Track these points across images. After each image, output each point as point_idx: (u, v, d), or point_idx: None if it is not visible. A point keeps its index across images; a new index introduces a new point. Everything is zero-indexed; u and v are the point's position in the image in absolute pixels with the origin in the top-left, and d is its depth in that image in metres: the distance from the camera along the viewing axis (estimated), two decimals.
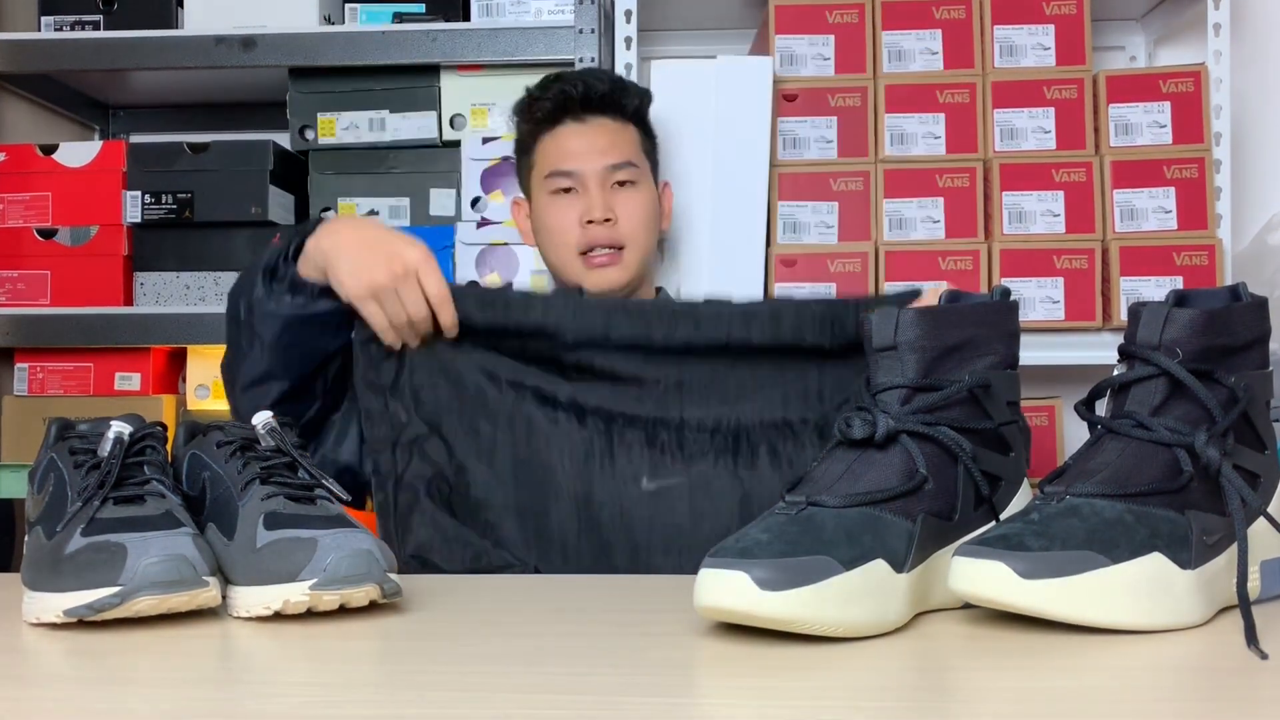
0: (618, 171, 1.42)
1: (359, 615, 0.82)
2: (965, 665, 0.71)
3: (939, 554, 0.80)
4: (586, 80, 1.46)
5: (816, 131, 1.79)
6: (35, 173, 1.93)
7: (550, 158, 1.44)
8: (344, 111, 1.92)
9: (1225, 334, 0.78)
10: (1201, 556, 0.74)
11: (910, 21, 1.81)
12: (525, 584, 0.99)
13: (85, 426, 0.91)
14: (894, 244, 1.76)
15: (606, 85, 1.46)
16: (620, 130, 1.45)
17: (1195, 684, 0.66)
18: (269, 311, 1.17)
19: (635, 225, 1.42)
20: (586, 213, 1.40)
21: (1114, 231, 1.75)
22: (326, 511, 0.86)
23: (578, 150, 1.42)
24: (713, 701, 0.64)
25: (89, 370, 1.94)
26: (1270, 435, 0.81)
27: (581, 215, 1.41)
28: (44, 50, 1.91)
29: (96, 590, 0.77)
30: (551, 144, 1.44)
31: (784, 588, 0.70)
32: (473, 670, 0.68)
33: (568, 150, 1.43)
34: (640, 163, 1.46)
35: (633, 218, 1.42)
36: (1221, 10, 1.79)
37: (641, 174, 1.46)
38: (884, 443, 0.80)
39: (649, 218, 1.45)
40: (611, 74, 1.51)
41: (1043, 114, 1.78)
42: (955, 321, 0.83)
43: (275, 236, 1.26)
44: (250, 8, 1.90)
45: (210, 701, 0.64)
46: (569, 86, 1.44)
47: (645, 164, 1.48)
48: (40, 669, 0.73)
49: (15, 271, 1.92)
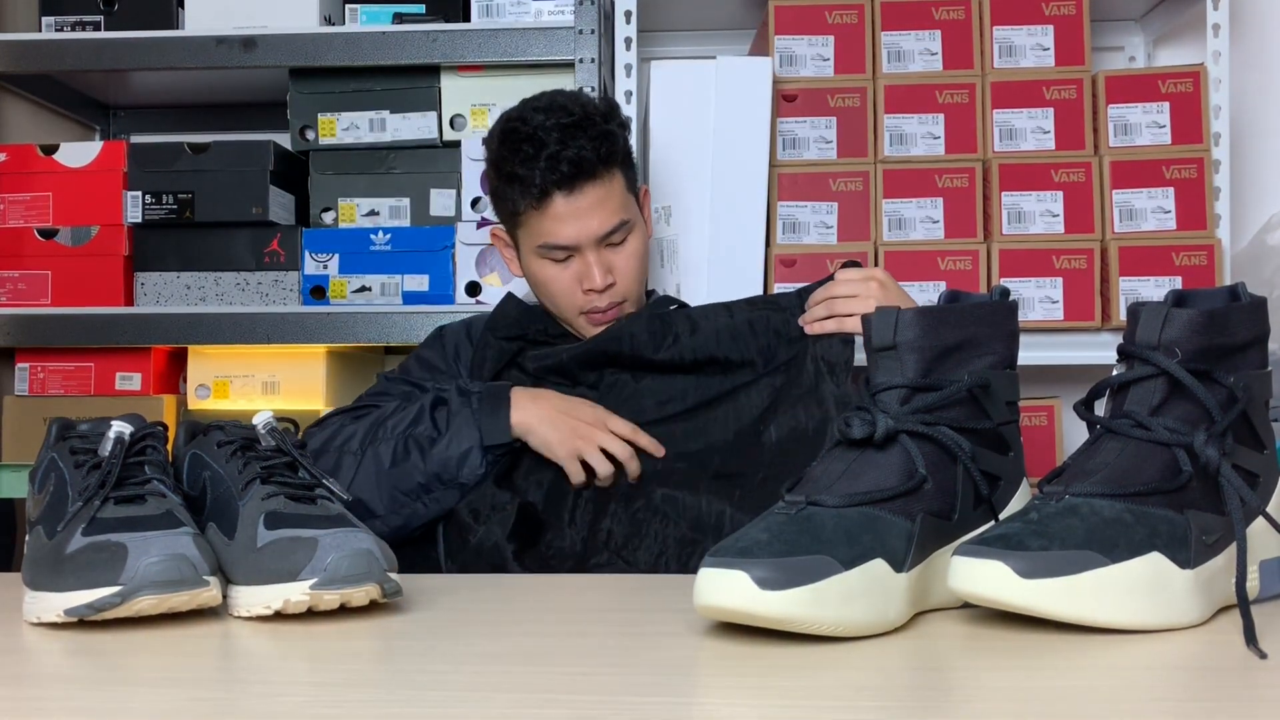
0: (612, 235, 1.40)
1: (359, 615, 0.82)
2: (965, 665, 0.71)
3: (938, 553, 0.80)
4: (573, 151, 1.35)
5: (816, 132, 1.79)
6: (36, 173, 1.93)
7: (542, 232, 1.39)
8: (344, 112, 1.92)
9: (1224, 334, 0.78)
10: (1200, 556, 0.74)
11: (910, 22, 1.81)
12: (525, 584, 0.99)
13: (86, 426, 0.91)
14: (893, 244, 1.76)
15: (590, 149, 1.36)
16: (609, 188, 1.39)
17: (1194, 684, 0.66)
18: (472, 482, 1.29)
19: (631, 279, 1.42)
20: (585, 280, 1.39)
21: (1113, 232, 1.75)
22: (327, 511, 0.86)
23: (572, 227, 1.38)
24: (713, 701, 0.64)
25: (89, 370, 1.94)
26: (1269, 435, 0.81)
27: (579, 281, 1.40)
28: (45, 50, 1.91)
29: (97, 590, 0.77)
30: (543, 216, 1.38)
31: (783, 587, 0.70)
32: (473, 670, 0.69)
33: (561, 227, 1.38)
34: (630, 210, 1.42)
35: (629, 272, 1.42)
36: (1221, 10, 1.79)
37: (632, 222, 1.42)
38: (883, 442, 0.80)
39: (643, 263, 1.45)
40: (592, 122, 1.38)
41: (1042, 114, 1.78)
42: (955, 321, 0.83)
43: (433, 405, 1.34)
44: (250, 8, 1.90)
45: (210, 701, 0.64)
46: (556, 164, 1.35)
47: (633, 204, 1.44)
48: (40, 669, 0.73)
49: (16, 271, 1.92)
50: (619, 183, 1.41)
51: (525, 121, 1.38)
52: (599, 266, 1.39)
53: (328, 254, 1.89)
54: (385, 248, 1.88)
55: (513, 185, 1.39)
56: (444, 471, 1.27)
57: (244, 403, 1.91)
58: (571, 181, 1.36)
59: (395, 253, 1.87)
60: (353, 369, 2.03)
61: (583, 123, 1.38)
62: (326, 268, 1.88)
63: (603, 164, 1.38)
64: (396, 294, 1.87)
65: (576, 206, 1.37)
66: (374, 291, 1.88)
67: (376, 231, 1.88)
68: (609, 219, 1.39)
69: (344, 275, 1.88)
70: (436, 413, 1.30)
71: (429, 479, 1.27)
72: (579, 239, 1.38)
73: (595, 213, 1.38)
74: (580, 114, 1.38)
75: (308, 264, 1.89)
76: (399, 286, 1.87)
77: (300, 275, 1.89)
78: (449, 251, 1.87)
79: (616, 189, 1.40)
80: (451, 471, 1.27)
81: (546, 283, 1.42)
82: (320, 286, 1.89)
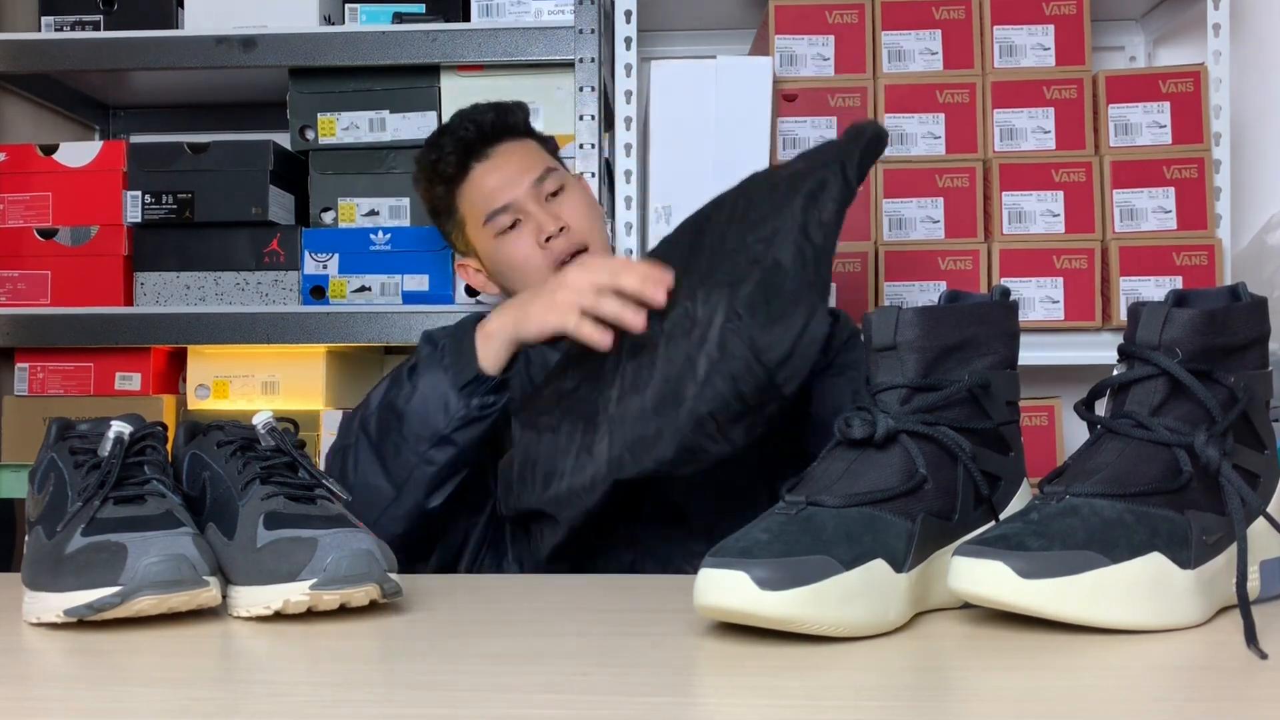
0: (545, 182, 1.44)
1: (359, 615, 0.82)
2: (965, 665, 0.71)
3: (939, 554, 0.80)
4: (471, 118, 1.48)
5: (816, 132, 1.79)
6: (35, 173, 1.93)
7: (478, 204, 1.45)
8: (344, 111, 1.92)
9: (1225, 334, 0.78)
10: (1201, 556, 0.74)
11: (910, 22, 1.81)
12: (525, 584, 0.99)
13: (85, 426, 0.91)
14: (893, 244, 1.76)
15: (491, 114, 1.48)
16: (523, 147, 1.48)
17: (1195, 684, 0.66)
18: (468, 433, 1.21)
19: (585, 222, 1.45)
20: (540, 232, 1.41)
21: (1113, 231, 1.75)
22: (326, 511, 0.86)
23: (500, 183, 1.44)
24: (713, 701, 0.64)
25: (89, 370, 1.93)
26: (1270, 435, 0.81)
27: (536, 237, 1.42)
28: (44, 50, 1.90)
29: (97, 590, 0.77)
30: (472, 191, 1.46)
31: (784, 587, 0.70)
32: (473, 670, 0.68)
33: (491, 188, 1.44)
34: (556, 166, 1.49)
35: (581, 217, 1.44)
36: (1221, 10, 1.79)
37: (564, 175, 1.49)
38: (884, 442, 0.80)
39: (593, 210, 1.49)
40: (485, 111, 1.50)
41: (1042, 114, 1.78)
42: (955, 321, 0.83)
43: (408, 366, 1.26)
44: (250, 8, 1.90)
45: (210, 701, 0.64)
46: (461, 132, 1.47)
47: (560, 165, 1.51)
48: (40, 669, 0.73)
49: (15, 271, 1.92)
50: (533, 145, 1.49)
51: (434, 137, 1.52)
52: (546, 214, 1.42)
53: (327, 254, 1.89)
54: (385, 248, 1.88)
55: (435, 183, 1.48)
56: (425, 428, 1.20)
57: (244, 403, 1.91)
58: (482, 147, 1.45)
59: (395, 253, 1.87)
60: (352, 369, 2.03)
61: (478, 111, 1.49)
62: (326, 268, 1.88)
63: (507, 131, 1.48)
64: (396, 294, 1.87)
65: (495, 164, 1.45)
66: (374, 291, 1.88)
67: (376, 231, 1.88)
68: (531, 166, 1.44)
69: (344, 275, 1.88)
70: (411, 373, 1.24)
71: (415, 439, 1.20)
72: (511, 191, 1.43)
73: (515, 164, 1.45)
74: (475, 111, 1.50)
75: (307, 264, 1.89)
76: (399, 286, 1.87)
77: (300, 275, 1.89)
78: (449, 251, 1.86)
79: (531, 148, 1.49)
80: (436, 424, 1.20)
81: (510, 258, 1.44)
82: (320, 286, 1.88)
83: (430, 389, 1.20)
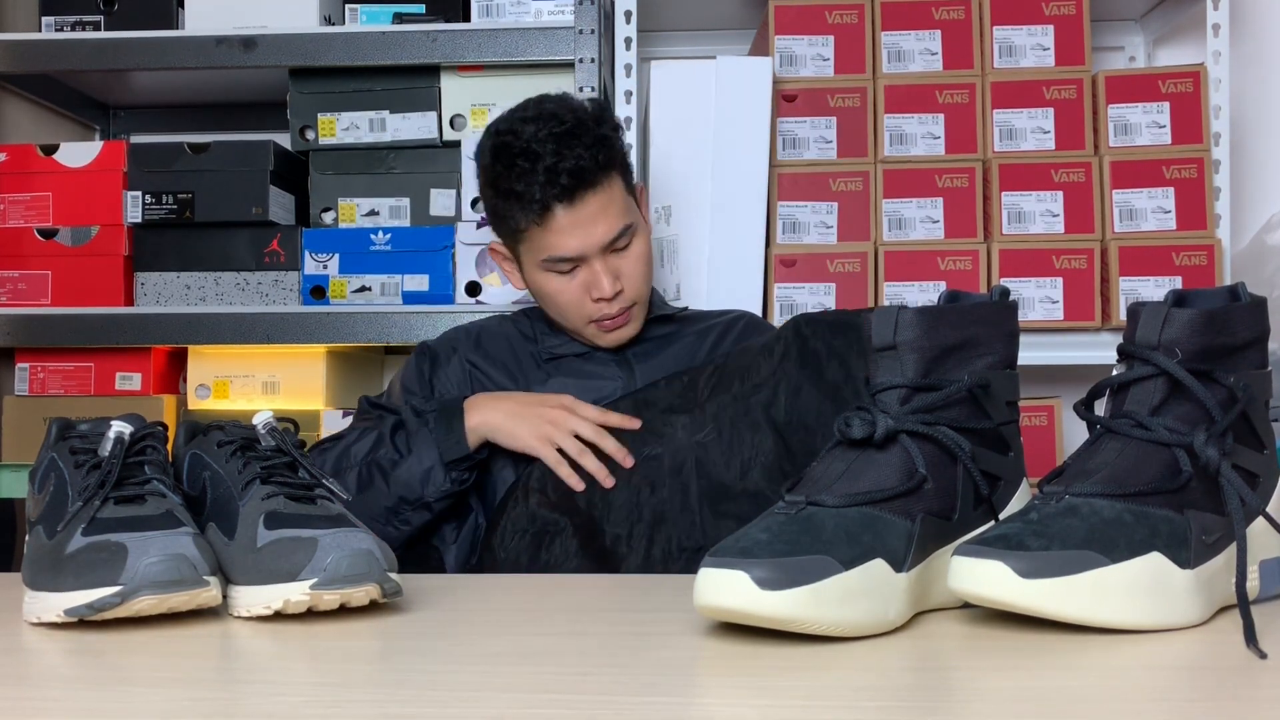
0: (617, 241, 1.37)
1: (359, 615, 0.82)
2: (965, 665, 0.71)
3: (938, 553, 0.80)
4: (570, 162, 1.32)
5: (816, 132, 1.79)
6: (36, 173, 1.94)
7: (545, 246, 1.36)
8: (344, 112, 1.92)
9: (1224, 334, 0.78)
10: (1200, 556, 0.74)
11: (910, 22, 1.81)
12: (525, 584, 0.99)
13: (86, 426, 0.91)
14: (893, 244, 1.76)
15: (587, 157, 1.33)
16: (610, 194, 1.36)
17: (1194, 683, 0.66)
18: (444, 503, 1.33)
19: (639, 282, 1.40)
20: (593, 289, 1.37)
21: (1113, 231, 1.75)
22: (327, 511, 0.86)
23: (576, 239, 1.35)
24: (713, 701, 0.64)
25: (89, 370, 1.94)
26: (1269, 435, 0.81)
27: (588, 291, 1.37)
28: (44, 50, 1.91)
29: (97, 590, 0.77)
30: (544, 233, 1.35)
31: (783, 587, 0.70)
32: (473, 670, 0.69)
33: (565, 240, 1.35)
34: (631, 214, 1.40)
35: (636, 276, 1.39)
36: (1220, 10, 1.79)
37: (635, 225, 1.39)
38: (883, 442, 0.80)
39: (648, 265, 1.43)
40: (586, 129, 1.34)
41: (1042, 114, 1.78)
42: (954, 321, 0.83)
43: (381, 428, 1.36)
44: (250, 8, 1.90)
45: (210, 701, 0.64)
46: (555, 176, 1.32)
47: (633, 206, 1.41)
48: (40, 669, 0.73)
49: (16, 271, 1.92)
50: (618, 187, 1.38)
51: (517, 135, 1.35)
52: (607, 275, 1.36)
53: (328, 254, 1.89)
54: (385, 248, 1.88)
55: (511, 202, 1.35)
56: (409, 493, 1.30)
57: (244, 403, 1.91)
58: (572, 193, 1.33)
59: (395, 253, 1.88)
60: (353, 369, 2.03)
61: (576, 130, 1.34)
62: (326, 268, 1.88)
63: (601, 171, 1.34)
64: (396, 294, 1.88)
65: (579, 217, 1.34)
66: (374, 291, 1.88)
67: (376, 231, 1.88)
68: (613, 226, 1.36)
69: (344, 275, 1.88)
70: (396, 437, 1.32)
71: (395, 502, 1.30)
72: (584, 250, 1.36)
73: (598, 221, 1.35)
74: (572, 121, 1.35)
75: (308, 264, 1.89)
76: (399, 286, 1.87)
77: (300, 275, 1.89)
78: (449, 251, 1.87)
79: (617, 194, 1.37)
80: (416, 491, 1.30)
81: (553, 295, 1.40)
82: (320, 286, 1.89)
83: (417, 458, 1.30)
